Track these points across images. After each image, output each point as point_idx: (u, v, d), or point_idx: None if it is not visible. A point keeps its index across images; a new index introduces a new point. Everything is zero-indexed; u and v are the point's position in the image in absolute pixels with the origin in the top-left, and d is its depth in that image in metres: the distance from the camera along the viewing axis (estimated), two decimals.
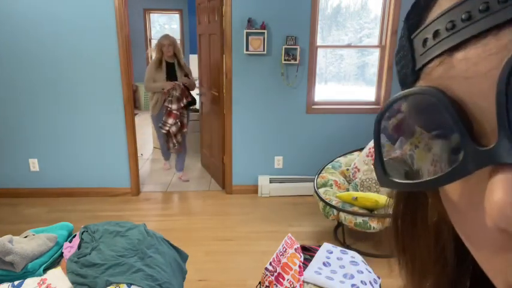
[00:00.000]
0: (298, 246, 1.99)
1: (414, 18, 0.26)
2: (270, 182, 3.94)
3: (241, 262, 2.77)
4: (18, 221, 3.39)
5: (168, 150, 4.30)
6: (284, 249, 1.96)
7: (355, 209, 2.72)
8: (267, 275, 1.89)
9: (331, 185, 3.10)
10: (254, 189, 4.01)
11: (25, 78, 3.60)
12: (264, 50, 3.57)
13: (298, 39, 3.62)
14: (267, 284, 1.87)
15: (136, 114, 8.38)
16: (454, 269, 0.31)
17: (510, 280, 0.21)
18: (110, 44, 3.54)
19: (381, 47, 3.77)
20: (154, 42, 9.07)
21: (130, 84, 3.69)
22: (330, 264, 1.93)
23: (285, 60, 3.60)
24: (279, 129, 3.87)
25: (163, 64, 4.00)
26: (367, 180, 3.03)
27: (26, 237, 1.87)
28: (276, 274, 1.85)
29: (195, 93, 4.37)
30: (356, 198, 2.71)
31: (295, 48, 3.58)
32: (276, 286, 1.82)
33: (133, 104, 3.85)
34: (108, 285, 1.57)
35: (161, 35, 4.12)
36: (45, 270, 1.75)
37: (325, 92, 3.99)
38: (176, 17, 8.89)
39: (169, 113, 3.95)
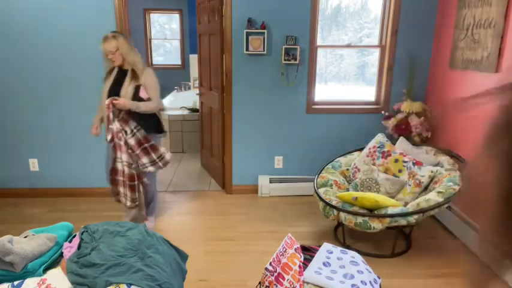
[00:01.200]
0: (298, 246, 1.99)
1: None
2: (270, 182, 3.94)
3: (241, 262, 2.77)
4: (18, 221, 3.39)
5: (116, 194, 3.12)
6: (284, 249, 1.95)
7: (355, 209, 2.72)
8: (267, 275, 1.89)
9: (331, 185, 3.10)
10: (254, 189, 4.01)
11: (25, 78, 3.60)
12: (264, 50, 3.57)
13: (298, 39, 3.62)
14: (267, 284, 1.87)
15: None
16: None
17: None
18: None
19: (381, 47, 3.77)
20: (154, 42, 9.07)
21: None
22: (330, 264, 1.93)
23: (285, 60, 3.60)
24: (279, 129, 3.87)
25: (115, 71, 2.99)
26: (367, 180, 3.03)
27: (26, 237, 1.87)
28: (276, 274, 1.85)
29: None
30: (356, 198, 2.70)
31: (295, 48, 3.58)
32: (276, 286, 1.82)
33: None
34: (108, 285, 1.57)
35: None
36: (45, 270, 1.75)
37: (325, 92, 3.99)
38: (176, 17, 8.89)
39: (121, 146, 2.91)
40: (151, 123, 3.02)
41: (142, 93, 2.95)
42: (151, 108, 2.96)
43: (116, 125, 2.85)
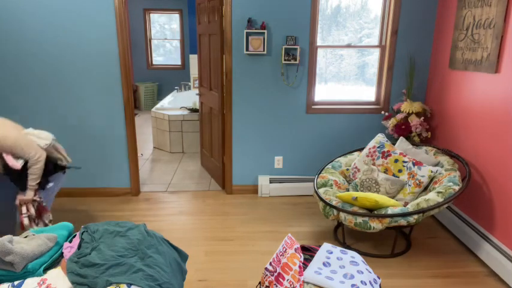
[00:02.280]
0: (298, 246, 1.99)
1: None
2: (270, 182, 3.94)
3: (241, 262, 2.77)
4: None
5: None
6: (284, 249, 1.96)
7: (355, 209, 2.72)
8: (267, 275, 1.89)
9: (331, 185, 3.10)
10: (254, 189, 4.01)
11: (25, 78, 3.60)
12: (264, 50, 3.57)
13: (298, 39, 3.62)
14: (267, 284, 1.87)
15: (136, 114, 8.40)
16: None
17: None
18: (110, 44, 3.54)
19: (381, 47, 3.77)
20: (154, 42, 9.08)
21: (130, 84, 3.69)
22: (330, 264, 1.93)
23: (285, 60, 3.60)
24: (279, 129, 3.87)
25: None
26: (367, 180, 3.03)
27: (26, 237, 1.87)
28: (276, 274, 1.85)
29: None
30: (356, 198, 2.70)
31: (295, 48, 3.59)
32: (276, 286, 1.82)
33: (133, 104, 3.85)
34: (108, 285, 1.57)
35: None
36: (45, 270, 1.75)
37: (325, 92, 3.99)
38: (176, 17, 8.90)
39: None
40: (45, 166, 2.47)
41: (11, 161, 2.27)
42: (40, 167, 2.41)
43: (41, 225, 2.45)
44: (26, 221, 2.37)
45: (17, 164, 2.31)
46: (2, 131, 2.33)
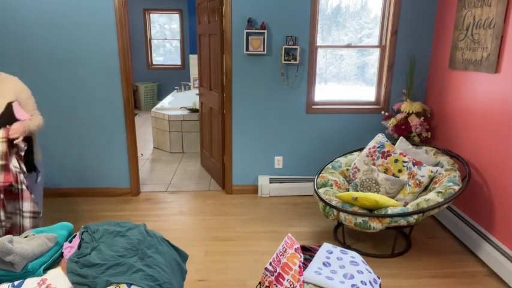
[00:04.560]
0: (298, 246, 1.99)
1: None
2: (270, 182, 3.94)
3: (241, 262, 2.77)
4: None
5: None
6: (284, 249, 1.96)
7: (355, 209, 2.72)
8: (267, 275, 1.89)
9: (331, 185, 3.10)
10: (254, 189, 4.01)
11: (25, 78, 3.59)
12: (264, 50, 3.57)
13: (298, 39, 3.63)
14: (267, 284, 1.87)
15: (136, 114, 8.40)
16: None
17: None
18: (110, 44, 3.54)
19: (381, 47, 3.77)
20: (154, 42, 9.08)
21: (130, 84, 3.69)
22: (330, 264, 1.93)
23: (285, 60, 3.60)
24: (279, 129, 3.87)
25: None
26: (367, 180, 3.03)
27: (26, 237, 1.87)
28: (276, 274, 1.85)
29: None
30: (356, 198, 2.70)
31: (295, 48, 3.59)
32: (276, 286, 1.82)
33: (133, 104, 3.85)
34: (108, 286, 1.57)
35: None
36: (45, 270, 1.75)
37: (325, 92, 3.99)
38: (176, 17, 8.90)
39: None
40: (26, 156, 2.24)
41: (20, 114, 2.19)
42: (40, 125, 2.33)
43: (14, 163, 2.14)
44: (13, 169, 2.15)
45: (27, 115, 2.26)
46: (21, 84, 2.38)
